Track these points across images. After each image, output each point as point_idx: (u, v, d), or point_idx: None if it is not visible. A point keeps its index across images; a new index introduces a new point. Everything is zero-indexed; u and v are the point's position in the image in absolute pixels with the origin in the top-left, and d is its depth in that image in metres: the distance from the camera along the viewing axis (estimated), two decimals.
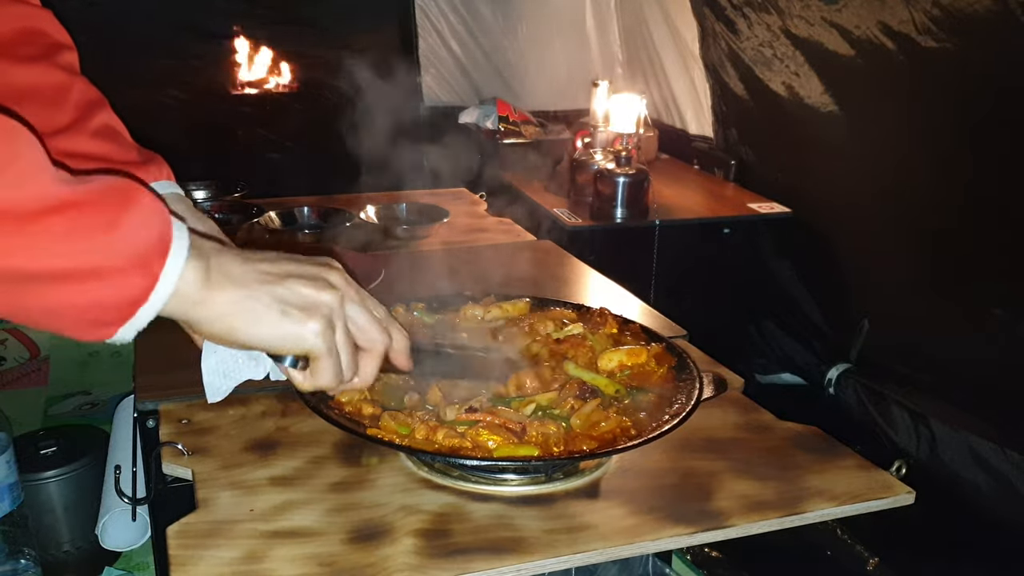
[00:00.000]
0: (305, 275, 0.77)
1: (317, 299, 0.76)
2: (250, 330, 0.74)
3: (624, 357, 1.16)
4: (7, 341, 2.75)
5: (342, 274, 0.81)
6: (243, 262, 0.75)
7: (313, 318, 0.75)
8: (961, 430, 2.02)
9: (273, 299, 0.74)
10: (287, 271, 0.77)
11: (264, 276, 0.75)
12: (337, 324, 0.78)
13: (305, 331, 0.75)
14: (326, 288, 0.77)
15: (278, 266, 0.77)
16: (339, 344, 0.78)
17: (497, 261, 1.79)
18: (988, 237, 1.95)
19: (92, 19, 3.05)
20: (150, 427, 1.16)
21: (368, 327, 0.82)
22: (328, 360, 0.77)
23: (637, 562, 1.44)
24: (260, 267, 0.76)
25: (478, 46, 3.57)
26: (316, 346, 0.76)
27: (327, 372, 0.78)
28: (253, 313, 0.73)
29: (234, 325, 0.73)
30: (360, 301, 0.82)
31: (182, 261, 0.69)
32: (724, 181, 2.94)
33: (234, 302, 0.73)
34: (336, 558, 0.88)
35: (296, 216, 2.07)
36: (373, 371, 0.84)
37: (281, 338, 0.75)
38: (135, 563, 2.21)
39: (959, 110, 1.95)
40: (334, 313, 0.77)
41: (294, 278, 0.76)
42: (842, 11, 2.16)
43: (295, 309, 0.75)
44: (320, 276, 0.78)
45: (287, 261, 0.78)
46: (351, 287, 0.81)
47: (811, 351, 2.66)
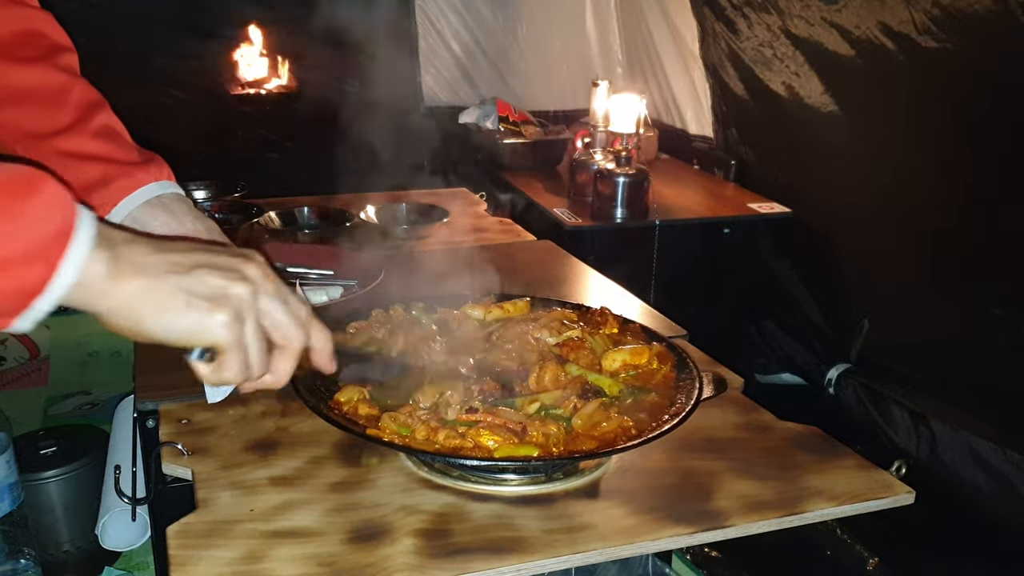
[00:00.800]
0: (216, 265, 0.75)
1: (226, 290, 0.74)
2: (155, 321, 0.71)
3: (628, 357, 1.16)
4: (7, 341, 2.75)
5: (260, 267, 0.78)
6: (153, 252, 0.72)
7: (220, 309, 0.73)
8: (961, 430, 2.02)
9: (179, 289, 0.72)
10: (198, 261, 0.74)
11: (173, 266, 0.72)
12: (247, 317, 0.75)
13: (211, 322, 0.73)
14: (238, 280, 0.75)
15: (190, 256, 0.74)
16: (247, 338, 0.75)
17: (497, 261, 1.78)
18: (988, 237, 1.95)
19: (92, 20, 3.05)
20: (150, 427, 1.16)
21: (284, 323, 0.79)
22: (235, 354, 0.75)
23: (637, 562, 1.44)
24: (170, 257, 0.73)
25: (478, 46, 3.57)
26: (222, 338, 0.73)
27: (233, 366, 0.75)
28: (157, 304, 0.71)
29: (139, 316, 0.71)
30: (277, 296, 0.78)
31: (85, 251, 0.67)
32: (724, 181, 2.94)
33: (139, 292, 0.70)
34: (336, 558, 0.88)
35: (296, 216, 2.07)
36: (287, 369, 0.81)
37: (186, 329, 0.72)
38: (135, 563, 2.21)
39: (959, 110, 1.95)
40: (244, 305, 0.74)
41: (204, 268, 0.74)
42: (842, 11, 2.16)
43: (201, 299, 0.72)
44: (233, 267, 0.75)
45: (201, 252, 0.76)
46: (269, 281, 0.78)
47: (811, 351, 2.66)
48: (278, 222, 2.02)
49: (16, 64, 0.96)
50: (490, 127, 3.25)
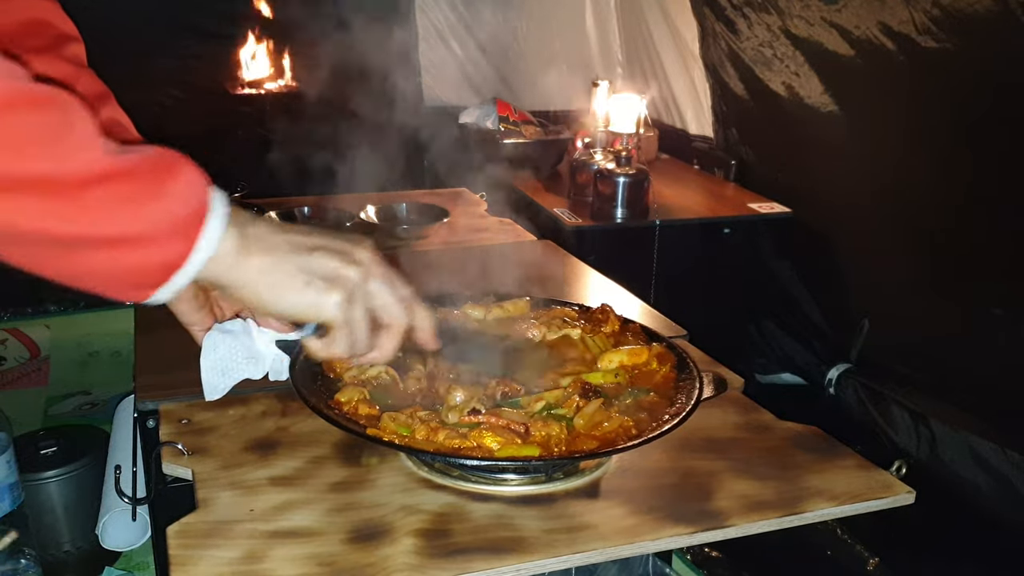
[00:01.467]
0: (333, 249, 0.81)
1: (341, 272, 0.80)
2: (275, 296, 0.78)
3: (625, 357, 1.16)
4: (7, 341, 2.75)
5: (370, 252, 0.84)
6: (277, 232, 0.80)
7: (335, 289, 0.80)
8: (961, 430, 2.02)
9: (299, 268, 0.78)
10: (317, 244, 0.81)
11: (295, 246, 0.79)
12: (357, 298, 0.81)
13: (326, 301, 0.79)
14: (351, 263, 0.81)
15: (309, 238, 0.81)
16: (356, 317, 0.82)
17: (497, 261, 1.78)
18: (988, 237, 1.95)
19: (91, 20, 3.02)
20: (150, 427, 1.16)
21: (390, 304, 0.85)
22: (344, 331, 0.82)
23: (637, 562, 1.44)
24: (292, 238, 0.80)
25: (478, 46, 3.57)
26: (334, 316, 0.80)
27: (342, 342, 0.82)
28: (280, 280, 0.78)
29: (262, 290, 0.78)
30: (384, 279, 0.85)
31: (220, 229, 0.73)
32: (724, 181, 2.94)
33: (264, 269, 0.77)
34: (336, 558, 0.88)
35: (296, 216, 2.08)
36: (392, 347, 0.87)
37: (303, 306, 0.80)
38: (135, 563, 2.21)
39: (959, 110, 1.95)
40: (355, 287, 0.81)
41: (322, 250, 0.80)
42: (842, 11, 2.16)
43: (319, 279, 0.79)
44: (347, 251, 0.82)
45: (319, 235, 0.83)
46: (377, 265, 0.84)
47: (811, 351, 2.66)
48: None
49: (23, 53, 0.96)
50: (490, 127, 3.25)
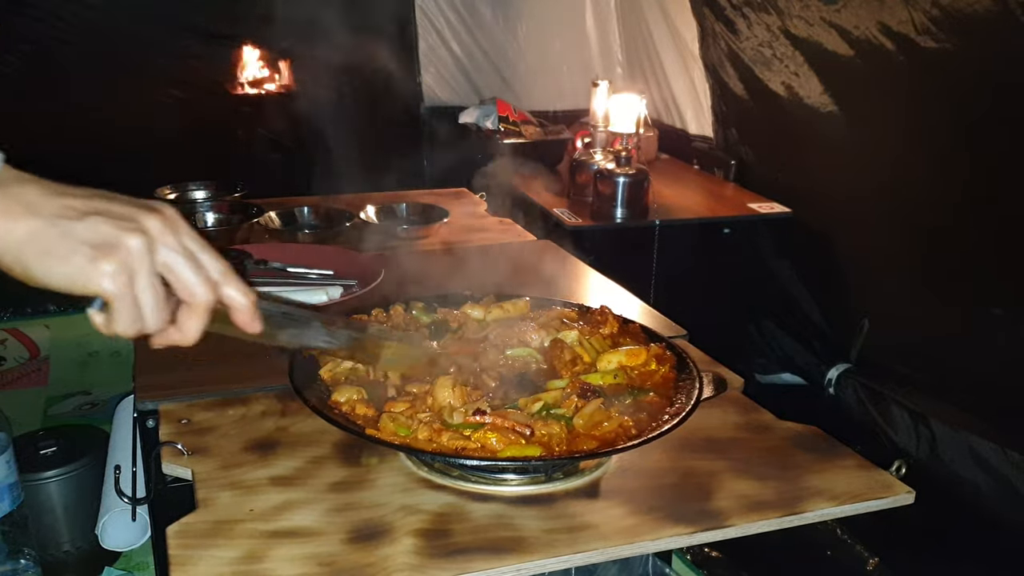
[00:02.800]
0: (112, 213, 0.72)
1: (117, 239, 0.71)
2: (40, 265, 0.69)
3: (623, 358, 1.16)
4: (7, 341, 2.75)
5: (165, 219, 0.74)
6: (48, 195, 0.71)
7: (106, 258, 0.70)
8: (961, 430, 2.02)
9: (66, 234, 0.69)
10: (94, 207, 0.71)
11: (65, 209, 0.70)
12: (140, 269, 0.72)
13: (93, 271, 0.70)
14: (132, 230, 0.72)
15: (86, 203, 0.71)
16: (139, 290, 0.72)
17: (497, 261, 1.79)
18: (987, 237, 1.95)
19: (91, 20, 3.05)
20: (150, 427, 1.16)
21: (186, 278, 0.75)
22: (122, 305, 0.71)
23: (637, 562, 1.44)
24: (65, 201, 0.71)
25: (478, 46, 3.57)
26: (106, 288, 0.70)
27: (122, 318, 0.72)
28: (44, 247, 0.69)
29: (25, 259, 0.69)
30: (181, 249, 0.75)
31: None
32: (724, 181, 2.94)
33: (28, 234, 0.69)
34: (336, 558, 0.88)
35: (296, 216, 2.08)
36: (194, 327, 0.77)
37: (70, 276, 0.70)
38: (135, 563, 2.21)
39: (958, 110, 1.95)
40: (134, 256, 0.71)
41: (98, 215, 0.71)
42: (841, 11, 2.16)
43: (87, 247, 0.70)
44: (131, 216, 0.72)
45: (100, 198, 0.73)
46: (172, 233, 0.74)
47: (811, 351, 2.66)
48: (278, 222, 2.02)
49: None
50: (490, 127, 3.25)
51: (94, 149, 3.06)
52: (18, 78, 3.03)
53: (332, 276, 1.63)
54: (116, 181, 0.94)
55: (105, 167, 2.98)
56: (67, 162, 2.95)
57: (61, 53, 3.04)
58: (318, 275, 1.63)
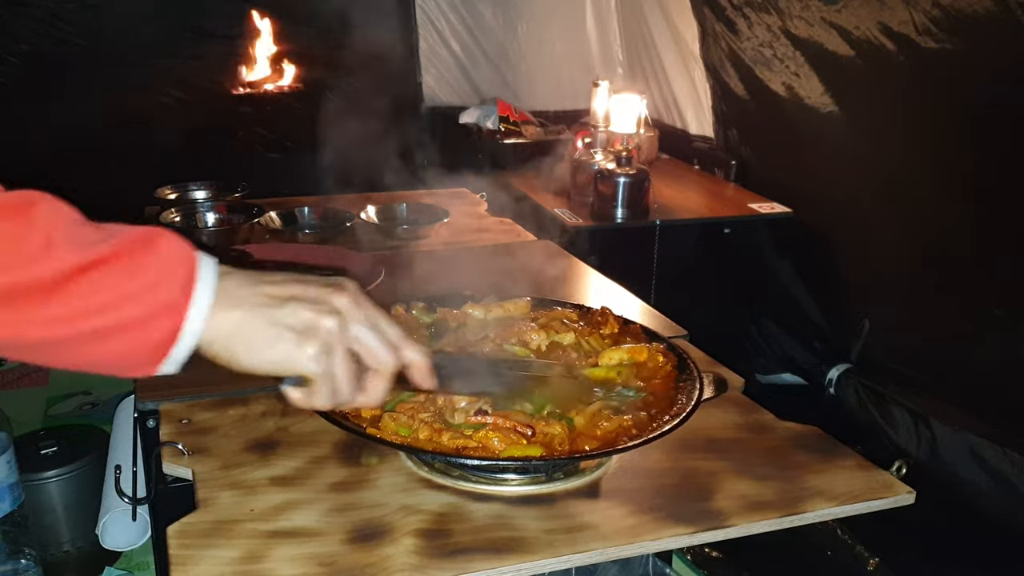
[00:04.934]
0: (308, 298, 0.77)
1: (316, 323, 0.76)
2: (249, 352, 0.74)
3: (625, 356, 1.16)
4: None
5: (351, 296, 0.80)
6: (249, 284, 0.76)
7: (309, 342, 0.75)
8: (961, 430, 2.02)
9: (271, 322, 0.75)
10: (291, 294, 0.77)
11: (267, 299, 0.75)
12: (336, 348, 0.77)
13: (300, 355, 0.75)
14: (327, 312, 0.77)
15: (284, 288, 0.77)
16: (336, 367, 0.77)
17: (497, 261, 1.79)
18: (988, 237, 1.95)
19: (92, 21, 3.05)
20: (150, 427, 1.16)
21: (375, 348, 0.81)
22: (323, 383, 0.77)
23: (637, 562, 1.44)
24: (265, 289, 0.76)
25: (478, 46, 3.57)
26: (310, 369, 0.76)
27: (322, 395, 0.78)
28: (251, 336, 0.74)
29: (234, 347, 0.74)
30: (368, 323, 0.80)
31: (209, 297, 0.72)
32: (724, 181, 2.94)
33: (236, 324, 0.73)
34: (336, 558, 0.88)
35: (296, 216, 2.08)
36: (381, 391, 0.82)
37: (277, 361, 0.75)
38: (135, 563, 2.20)
39: (959, 110, 1.95)
40: (333, 337, 0.77)
41: (296, 301, 0.76)
42: (842, 11, 2.16)
43: (292, 332, 0.75)
44: (324, 299, 0.78)
45: (295, 283, 0.78)
46: (358, 309, 0.80)
47: (811, 351, 2.66)
48: (278, 222, 2.02)
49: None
50: (490, 127, 3.25)
51: (95, 150, 3.06)
52: (18, 78, 3.03)
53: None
54: (117, 181, 0.95)
55: (105, 167, 2.99)
56: (68, 162, 2.95)
57: (60, 53, 3.04)
58: (318, 275, 1.63)
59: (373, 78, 3.02)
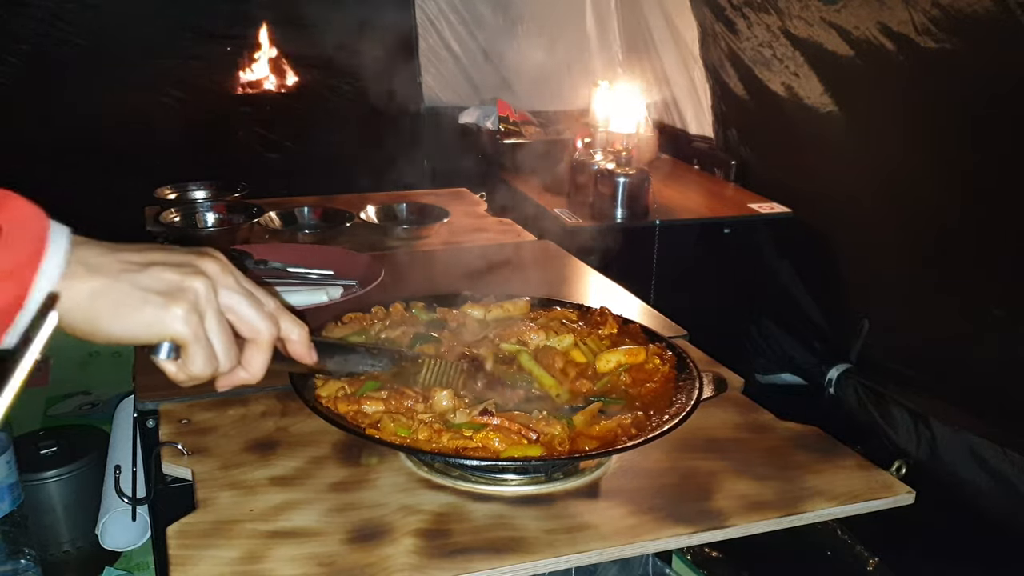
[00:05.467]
0: (171, 262, 0.75)
1: (181, 284, 0.73)
2: (111, 321, 0.71)
3: (623, 357, 1.16)
4: None
5: (218, 262, 0.77)
6: (106, 253, 0.73)
7: (176, 303, 0.72)
8: (961, 430, 2.02)
9: (134, 286, 0.72)
10: (152, 259, 0.74)
11: (127, 265, 0.72)
12: (207, 310, 0.74)
13: (167, 316, 0.72)
14: (193, 274, 0.74)
15: (144, 255, 0.74)
16: (209, 331, 0.75)
17: (497, 261, 1.79)
18: (988, 237, 1.95)
19: (92, 21, 3.05)
20: (150, 427, 1.16)
21: (249, 315, 0.78)
22: (197, 347, 0.74)
23: (637, 562, 1.44)
24: (124, 256, 0.73)
25: (478, 46, 3.57)
26: (180, 332, 0.73)
27: (197, 360, 0.74)
28: (113, 302, 0.71)
29: (94, 317, 0.71)
30: (239, 289, 0.78)
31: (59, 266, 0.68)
32: (724, 181, 2.94)
33: (93, 293, 0.70)
34: (336, 558, 0.88)
35: (296, 216, 2.08)
36: (260, 363, 0.80)
37: (144, 325, 0.72)
38: (135, 563, 2.20)
39: (958, 110, 1.95)
40: (200, 298, 0.74)
41: (158, 265, 0.74)
42: (841, 11, 2.16)
43: (156, 295, 0.72)
44: (189, 263, 0.75)
45: (156, 251, 0.76)
46: (228, 275, 0.77)
47: (811, 351, 2.66)
48: (278, 222, 2.02)
49: None
50: (490, 127, 3.25)
51: (95, 150, 3.06)
52: (18, 78, 3.03)
53: (332, 276, 1.63)
54: (117, 181, 0.95)
55: (106, 167, 2.99)
56: (68, 163, 2.96)
57: (60, 53, 3.04)
58: (318, 275, 1.63)
59: (373, 78, 3.02)
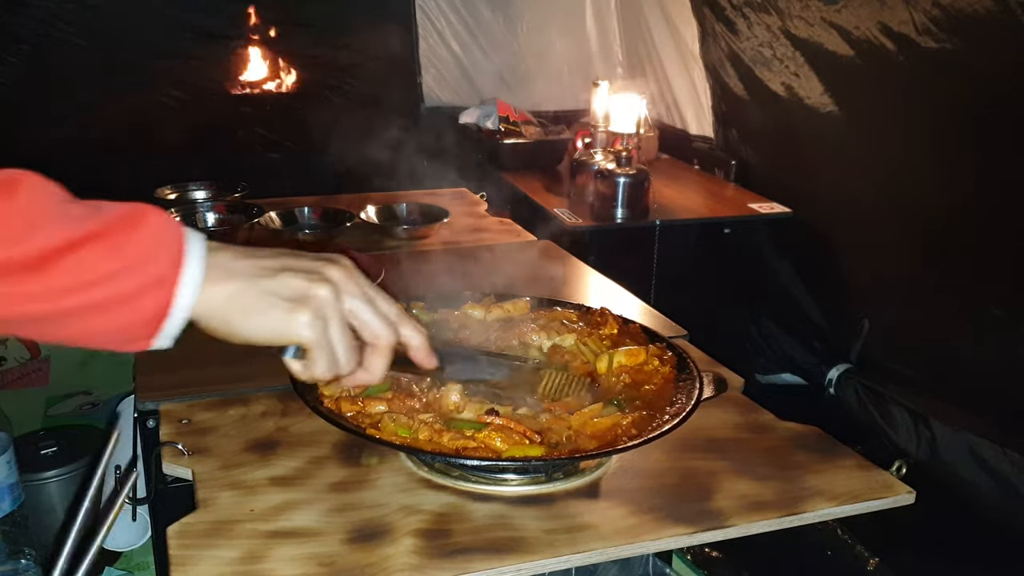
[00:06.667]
0: (300, 268, 0.78)
1: (308, 291, 0.77)
2: (243, 322, 0.75)
3: (623, 358, 1.16)
4: (7, 341, 2.74)
5: (344, 270, 0.80)
6: (241, 258, 0.77)
7: (302, 309, 0.76)
8: (961, 430, 2.02)
9: (264, 292, 0.76)
10: (283, 265, 0.78)
11: (259, 270, 0.76)
12: (331, 317, 0.78)
13: (293, 321, 0.76)
14: (319, 281, 0.78)
15: (275, 261, 0.78)
16: (332, 335, 0.78)
17: (497, 261, 1.79)
18: (988, 237, 1.95)
19: (92, 21, 3.05)
20: (150, 427, 1.16)
21: (370, 321, 0.81)
22: (320, 351, 0.78)
23: (637, 562, 1.44)
24: (256, 262, 0.77)
25: (478, 46, 3.57)
26: (305, 336, 0.77)
27: (320, 363, 0.78)
28: (245, 305, 0.75)
29: (229, 318, 0.75)
30: (362, 296, 0.81)
31: (199, 272, 0.72)
32: (724, 181, 2.94)
33: (228, 296, 0.74)
34: (336, 558, 0.88)
35: (296, 216, 2.08)
36: (380, 366, 0.83)
37: (271, 329, 0.76)
38: (135, 563, 2.20)
39: (959, 110, 1.95)
40: (326, 305, 0.77)
41: (288, 271, 0.77)
42: (842, 11, 2.16)
43: (284, 300, 0.76)
44: (316, 270, 0.79)
45: (286, 256, 0.79)
46: (353, 282, 0.80)
47: (811, 351, 2.66)
48: (278, 222, 2.02)
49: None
50: (490, 127, 3.25)
51: (95, 150, 3.06)
52: (17, 78, 3.03)
53: None
54: (117, 181, 0.95)
55: (106, 168, 2.99)
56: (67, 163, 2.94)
57: (61, 53, 3.04)
58: None
59: (373, 78, 3.02)
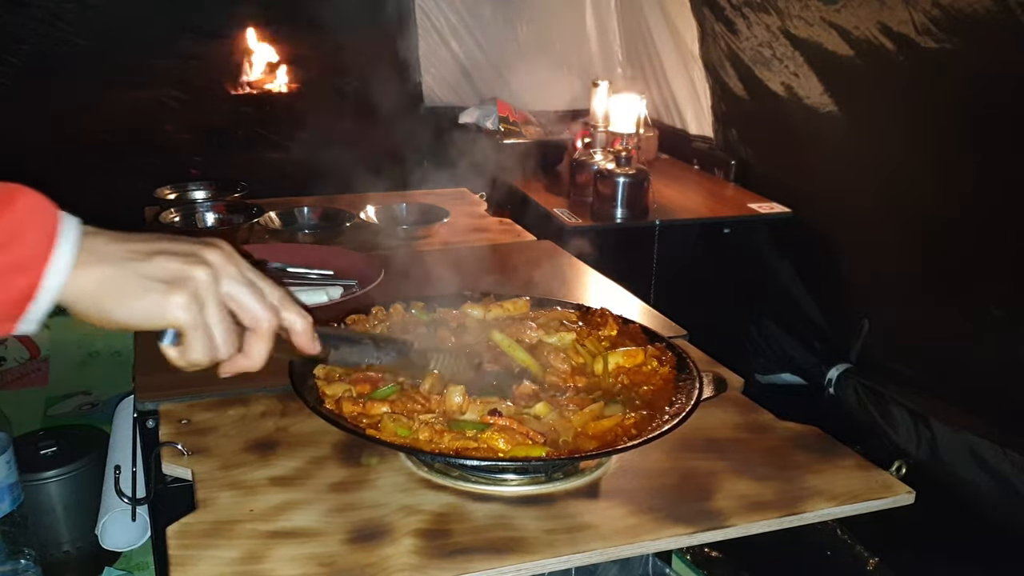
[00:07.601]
0: (175, 251, 0.77)
1: (184, 273, 0.75)
2: (117, 306, 0.74)
3: (622, 359, 1.16)
4: (7, 341, 2.75)
5: (223, 253, 0.79)
6: (115, 242, 0.75)
7: (177, 291, 0.74)
8: (961, 430, 2.02)
9: (138, 275, 0.74)
10: (159, 248, 0.76)
11: (133, 254, 0.75)
12: (207, 299, 0.76)
13: (168, 303, 0.74)
14: (196, 263, 0.76)
15: (151, 244, 0.76)
16: (210, 319, 0.76)
17: (497, 261, 1.79)
18: (988, 237, 1.95)
19: (91, 21, 3.05)
20: (150, 427, 1.16)
21: (250, 305, 0.79)
22: (196, 334, 0.76)
23: (637, 562, 1.44)
24: (130, 246, 0.75)
25: (478, 46, 3.57)
26: (181, 319, 0.75)
27: (196, 347, 0.77)
28: (118, 289, 0.73)
29: (101, 303, 0.73)
30: (242, 279, 0.79)
31: (71, 255, 0.71)
32: (724, 181, 2.94)
33: (100, 281, 0.73)
34: (336, 558, 0.88)
35: (296, 216, 2.08)
36: (261, 351, 0.81)
37: (146, 312, 0.74)
38: (135, 563, 2.21)
39: (958, 110, 1.95)
40: (202, 287, 0.76)
41: (164, 254, 0.76)
42: (841, 11, 2.16)
43: (159, 283, 0.74)
44: (193, 252, 0.77)
45: (163, 240, 0.78)
46: (232, 265, 0.79)
47: (811, 351, 2.66)
48: (278, 222, 2.02)
49: None
50: (490, 127, 3.25)
51: (94, 150, 3.06)
52: (17, 78, 3.03)
53: (332, 276, 1.63)
54: (117, 181, 0.95)
55: (106, 167, 2.99)
56: (67, 163, 2.95)
57: (60, 53, 3.04)
58: (318, 275, 1.63)
59: (372, 78, 3.01)
